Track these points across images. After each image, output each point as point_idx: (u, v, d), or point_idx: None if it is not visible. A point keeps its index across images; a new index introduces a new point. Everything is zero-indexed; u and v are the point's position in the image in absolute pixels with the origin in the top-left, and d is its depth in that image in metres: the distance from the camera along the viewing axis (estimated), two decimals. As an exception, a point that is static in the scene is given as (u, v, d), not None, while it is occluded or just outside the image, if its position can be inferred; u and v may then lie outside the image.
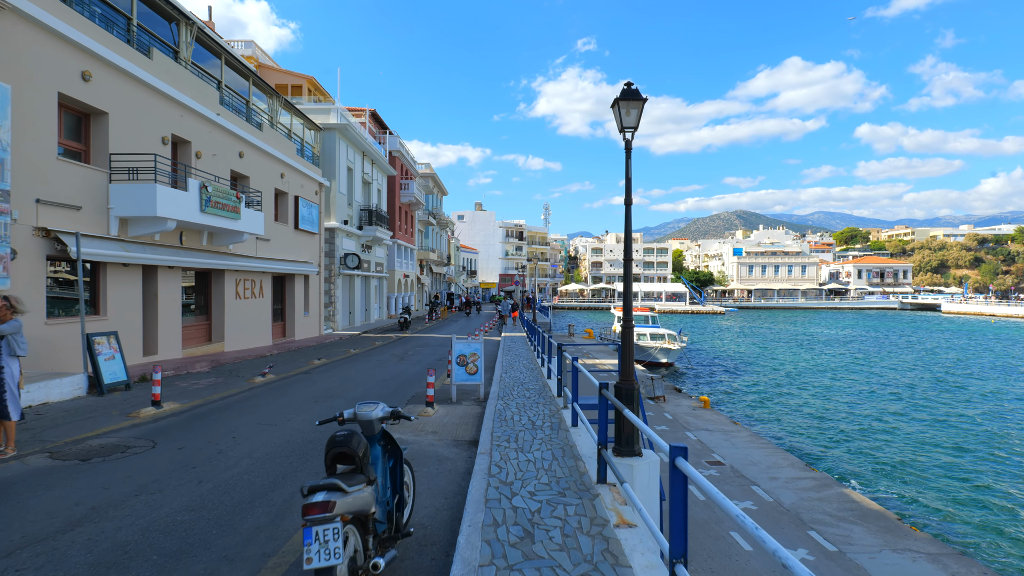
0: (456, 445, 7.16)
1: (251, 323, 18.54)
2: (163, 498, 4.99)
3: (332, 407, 9.23)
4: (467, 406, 9.72)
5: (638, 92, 5.85)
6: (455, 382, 10.11)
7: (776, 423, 17.38)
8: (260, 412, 8.82)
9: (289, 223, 21.90)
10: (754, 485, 10.64)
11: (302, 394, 10.56)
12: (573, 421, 7.35)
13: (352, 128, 28.43)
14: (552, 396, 9.87)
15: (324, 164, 27.46)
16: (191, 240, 15.04)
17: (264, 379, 12.13)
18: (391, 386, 11.76)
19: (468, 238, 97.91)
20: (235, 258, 17.09)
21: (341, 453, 3.42)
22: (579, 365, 7.17)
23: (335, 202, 27.69)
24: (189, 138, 14.90)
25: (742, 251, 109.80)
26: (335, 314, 27.54)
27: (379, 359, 16.82)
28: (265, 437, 7.29)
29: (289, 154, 21.62)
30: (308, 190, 23.68)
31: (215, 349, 16.49)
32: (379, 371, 14.17)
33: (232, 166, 17.20)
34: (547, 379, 12.02)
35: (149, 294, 13.73)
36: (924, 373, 27.03)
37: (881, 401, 20.31)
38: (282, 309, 22.41)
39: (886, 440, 15.27)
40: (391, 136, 41.48)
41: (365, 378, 12.90)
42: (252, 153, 18.44)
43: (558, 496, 4.76)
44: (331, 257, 27.40)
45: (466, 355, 10.09)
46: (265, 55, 36.26)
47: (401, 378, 13.05)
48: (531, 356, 16.98)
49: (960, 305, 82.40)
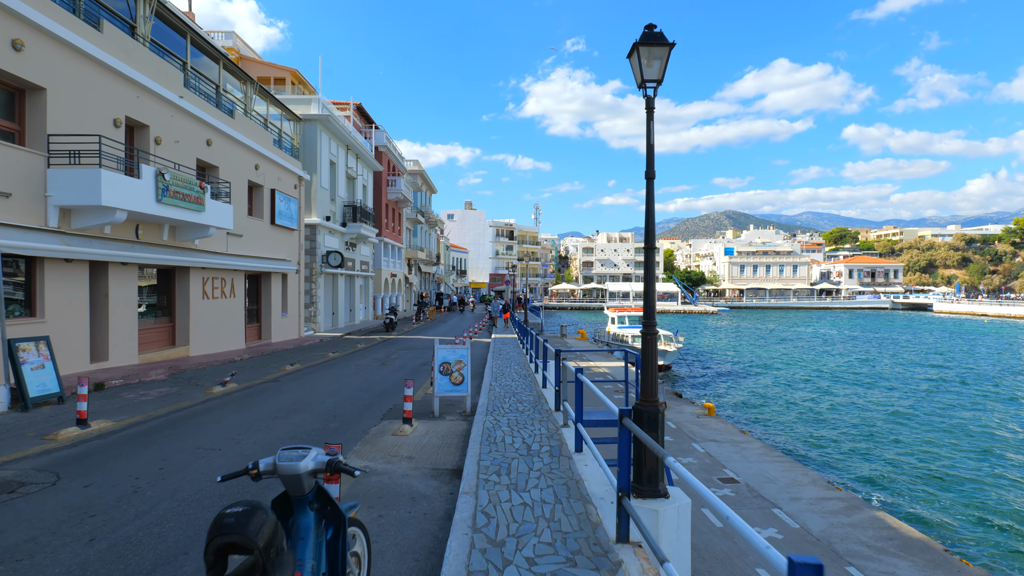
0: (435, 476, 5.90)
1: (221, 325, 17.13)
2: (28, 568, 3.68)
3: (293, 426, 7.93)
4: (451, 422, 8.45)
5: (662, 36, 4.60)
6: (438, 393, 8.84)
7: (785, 431, 16.26)
8: (207, 432, 7.50)
9: (265, 218, 20.49)
10: (776, 508, 9.47)
11: (263, 407, 9.24)
12: (577, 445, 6.12)
13: (335, 120, 27.03)
14: (549, 410, 8.62)
15: (305, 157, 26.04)
16: (149, 234, 13.63)
17: (224, 389, 10.78)
18: (367, 396, 10.45)
19: (458, 237, 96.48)
20: (201, 255, 15.69)
21: (231, 544, 2.14)
22: (584, 378, 5.94)
23: (316, 197, 26.28)
24: (147, 122, 13.50)
25: (733, 251, 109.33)
26: (316, 315, 26.13)
27: (358, 364, 15.50)
28: (201, 467, 5.98)
29: (265, 145, 20.22)
30: (286, 183, 22.27)
31: (178, 354, 15.07)
32: (356, 378, 12.85)
33: (198, 155, 15.79)
34: (542, 388, 10.78)
35: (99, 294, 12.31)
36: (932, 375, 26.11)
37: (893, 406, 19.28)
38: (257, 310, 21.00)
39: (905, 450, 14.19)
40: (377, 131, 40.05)
41: (339, 387, 11.58)
42: (222, 141, 17.04)
43: (567, 567, 3.51)
44: (312, 255, 25.99)
45: (450, 363, 8.82)
46: (247, 47, 34.74)
47: (380, 386, 11.74)
48: (523, 361, 15.73)
49: (952, 305, 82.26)
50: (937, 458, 13.62)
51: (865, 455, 13.82)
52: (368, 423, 8.27)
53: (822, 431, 16.06)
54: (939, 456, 13.78)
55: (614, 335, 32.27)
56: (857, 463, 13.26)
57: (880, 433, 15.79)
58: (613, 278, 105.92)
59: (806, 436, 15.59)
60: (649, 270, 4.83)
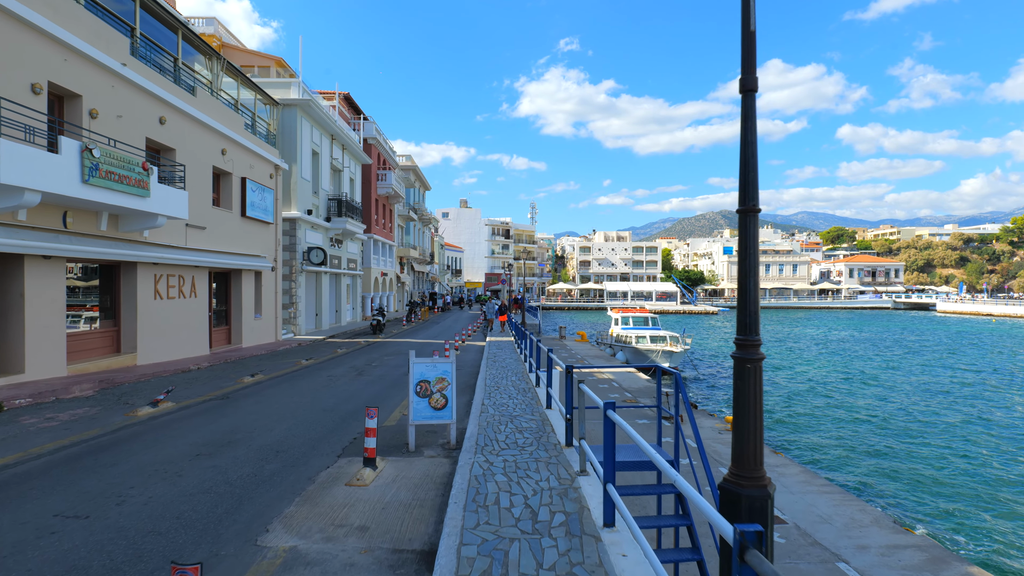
0: (396, 566, 3.92)
1: (177, 329, 15.09)
2: None
3: (216, 470, 5.91)
4: (430, 460, 6.47)
5: None
6: (413, 421, 6.84)
7: (819, 449, 14.34)
8: (90, 483, 5.48)
9: (234, 209, 18.43)
10: (841, 562, 7.52)
11: (190, 438, 7.22)
12: (607, 516, 4.15)
13: (316, 105, 24.97)
14: (558, 444, 6.65)
15: (283, 145, 23.99)
16: (83, 223, 11.59)
17: (154, 410, 8.76)
18: (329, 420, 8.44)
19: (453, 236, 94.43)
20: (152, 248, 13.65)
21: None
22: (617, 418, 3.97)
23: (296, 189, 24.23)
24: (78, 91, 11.45)
25: (732, 250, 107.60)
26: (296, 316, 24.08)
27: (332, 373, 13.47)
28: (33, 560, 3.95)
29: (234, 128, 18.17)
30: (260, 172, 20.22)
31: (122, 363, 13.02)
32: (324, 393, 10.82)
33: (148, 133, 13.74)
34: (546, 408, 8.80)
35: (11, 293, 10.27)
36: (969, 379, 24.27)
37: (942, 416, 17.38)
38: (227, 311, 18.94)
39: (976, 476, 12.26)
40: (367, 122, 37.99)
41: (299, 405, 9.56)
42: (179, 121, 14.99)
43: None
44: (292, 251, 23.94)
45: (430, 382, 6.82)
46: (230, 34, 32.67)
47: (350, 404, 9.72)
48: (522, 370, 13.76)
49: (956, 304, 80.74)
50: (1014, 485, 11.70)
51: (926, 483, 11.86)
52: (319, 463, 6.28)
53: (863, 448, 14.14)
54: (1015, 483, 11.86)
55: (617, 337, 30.34)
56: (917, 492, 11.32)
57: (937, 453, 13.84)
58: (610, 278, 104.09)
59: (845, 455, 13.67)
60: (750, 242, 2.86)
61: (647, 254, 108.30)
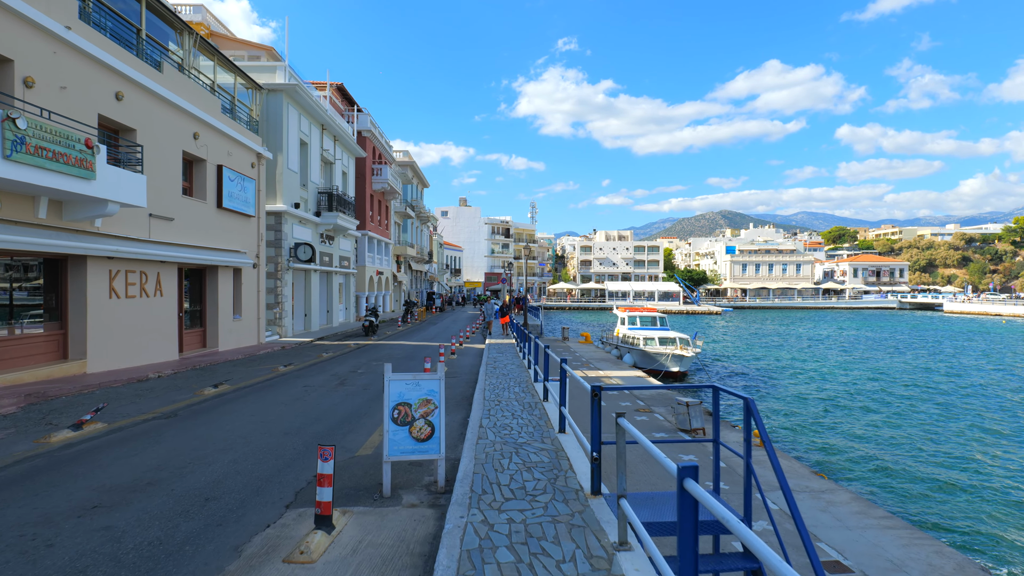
0: None
1: (139, 332, 13.44)
2: None
3: (107, 533, 4.27)
4: (408, 514, 4.83)
5: None
6: (390, 456, 5.20)
7: (860, 467, 12.70)
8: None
9: (209, 200, 16.78)
10: (938, 633, 5.93)
11: (93, 481, 5.52)
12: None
13: (303, 91, 23.32)
14: (580, 492, 5.00)
15: (269, 133, 22.35)
16: (15, 209, 9.95)
17: (75, 434, 7.10)
18: (289, 449, 6.77)
19: (452, 235, 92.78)
20: (106, 240, 12.00)
21: None
22: (701, 493, 2.35)
23: (282, 180, 22.57)
24: (9, 55, 9.81)
25: (735, 249, 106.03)
26: (282, 317, 22.43)
27: (310, 383, 11.82)
28: None
29: (209, 111, 16.52)
30: (240, 161, 18.57)
31: (68, 371, 11.36)
32: (292, 409, 9.16)
33: (102, 110, 12.08)
34: (559, 433, 7.15)
35: (-82, 290, 8.63)
36: (1017, 384, 22.66)
37: (1003, 425, 15.77)
38: (201, 312, 17.29)
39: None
40: (361, 114, 36.33)
41: (257, 426, 7.90)
42: (140, 98, 13.35)
43: None
44: (278, 247, 22.29)
45: (411, 405, 5.18)
46: (219, 23, 31.01)
47: (320, 424, 8.07)
48: (526, 378, 12.11)
49: (964, 304, 79.15)
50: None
51: (1002, 515, 10.23)
52: (258, 518, 4.64)
53: (916, 469, 12.49)
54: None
55: (623, 337, 28.72)
56: (990, 524, 9.69)
57: (1005, 471, 12.20)
58: (612, 277, 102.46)
59: (894, 475, 12.04)
60: None
61: (649, 253, 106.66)
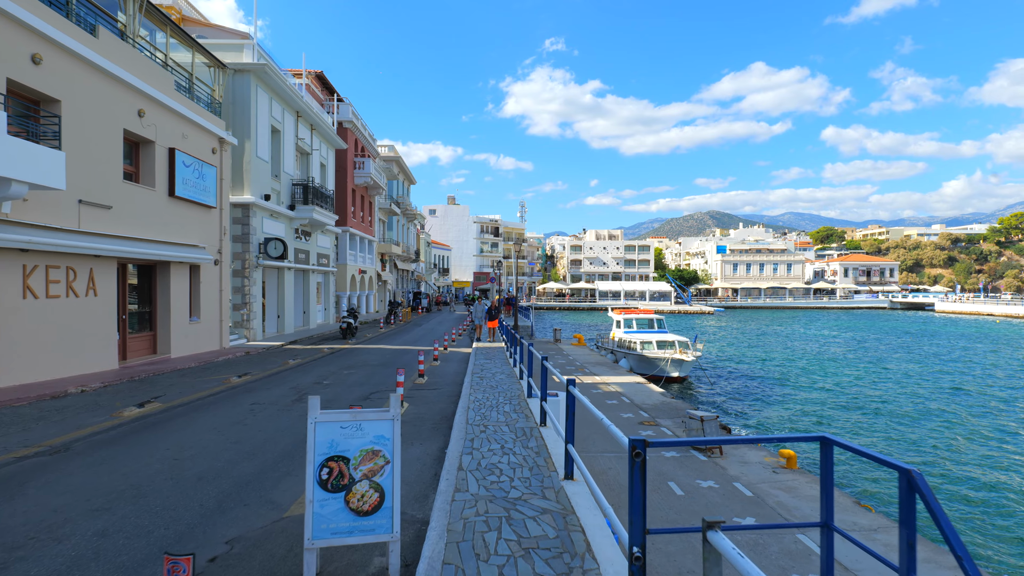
0: None
1: (64, 337, 11.46)
2: None
3: None
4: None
5: None
6: (314, 541, 3.37)
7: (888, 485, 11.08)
8: None
9: (159, 187, 14.81)
10: None
11: None
12: None
13: (274, 72, 21.36)
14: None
15: (235, 117, 20.39)
16: None
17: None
18: (192, 509, 4.84)
19: (440, 234, 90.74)
20: (15, 229, 10.05)
21: None
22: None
23: (250, 169, 20.60)
24: None
25: (726, 248, 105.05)
26: (250, 319, 20.46)
27: (260, 399, 9.93)
28: None
29: (160, 86, 14.56)
30: (198, 145, 16.59)
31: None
32: (224, 438, 7.27)
33: (12, 74, 10.12)
34: (563, 480, 5.36)
35: None
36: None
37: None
38: (151, 314, 15.31)
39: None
40: (343, 104, 34.32)
41: (163, 468, 6.02)
42: (66, 63, 11.38)
43: None
44: (245, 242, 20.33)
45: (349, 460, 3.40)
46: (191, 7, 28.85)
47: (250, 463, 6.20)
48: (518, 392, 10.33)
49: (955, 304, 78.69)
50: None
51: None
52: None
53: (969, 495, 10.89)
54: None
55: (619, 341, 27.09)
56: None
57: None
58: (602, 277, 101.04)
59: (954, 500, 10.44)
60: None
61: (639, 253, 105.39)
